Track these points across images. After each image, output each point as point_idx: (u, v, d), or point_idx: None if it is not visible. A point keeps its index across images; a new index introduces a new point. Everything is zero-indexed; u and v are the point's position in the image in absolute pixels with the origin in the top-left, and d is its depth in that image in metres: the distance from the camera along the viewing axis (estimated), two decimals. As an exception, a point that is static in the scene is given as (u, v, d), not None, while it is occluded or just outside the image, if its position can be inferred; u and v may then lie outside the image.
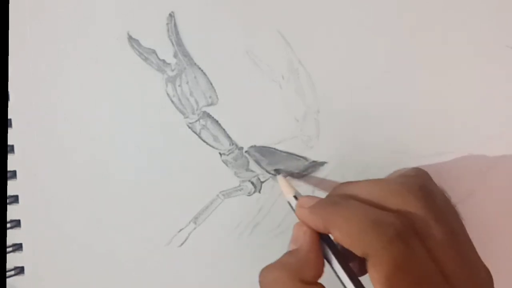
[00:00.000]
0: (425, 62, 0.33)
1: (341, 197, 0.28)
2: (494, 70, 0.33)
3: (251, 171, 0.34)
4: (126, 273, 0.35)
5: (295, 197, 0.31)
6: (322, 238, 0.28)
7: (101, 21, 0.33)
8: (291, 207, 0.31)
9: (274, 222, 0.35)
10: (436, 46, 0.33)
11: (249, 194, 0.35)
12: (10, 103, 0.34)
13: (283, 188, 0.32)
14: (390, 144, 0.34)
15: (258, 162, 0.34)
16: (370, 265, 0.24)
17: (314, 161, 0.34)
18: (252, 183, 0.34)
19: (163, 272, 0.35)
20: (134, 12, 0.33)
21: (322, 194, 0.33)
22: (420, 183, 0.28)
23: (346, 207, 0.26)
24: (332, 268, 0.27)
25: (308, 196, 0.30)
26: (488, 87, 0.33)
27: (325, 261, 0.27)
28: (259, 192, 0.35)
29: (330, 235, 0.27)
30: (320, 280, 0.26)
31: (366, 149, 0.34)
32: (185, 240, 0.35)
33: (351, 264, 0.27)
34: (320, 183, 0.34)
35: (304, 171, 0.34)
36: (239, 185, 0.34)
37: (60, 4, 0.33)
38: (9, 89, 0.34)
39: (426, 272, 0.24)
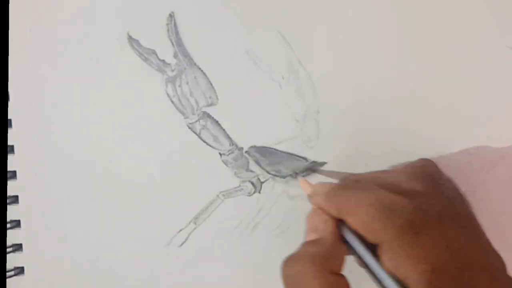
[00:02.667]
0: (425, 63, 0.33)
1: (352, 181, 0.28)
2: (494, 70, 0.33)
3: (251, 171, 0.34)
4: (126, 273, 0.35)
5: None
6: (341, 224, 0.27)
7: (101, 21, 0.33)
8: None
9: (274, 222, 0.35)
10: (436, 46, 0.33)
11: (249, 195, 0.35)
12: (10, 103, 0.34)
13: (303, 187, 0.31)
14: (390, 144, 0.34)
15: (258, 163, 0.34)
16: (382, 252, 0.24)
17: (314, 161, 0.34)
18: (252, 183, 0.34)
19: (163, 272, 0.35)
20: (134, 13, 0.33)
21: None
22: (429, 172, 0.28)
23: (358, 191, 0.26)
24: (355, 254, 0.26)
25: (321, 183, 0.29)
26: (488, 87, 0.33)
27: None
28: (259, 192, 0.35)
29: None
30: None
31: (366, 149, 0.34)
32: (185, 240, 0.35)
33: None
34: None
35: (304, 171, 0.34)
36: (239, 186, 0.34)
37: (60, 4, 0.33)
38: (9, 89, 0.34)
39: (440, 260, 0.24)
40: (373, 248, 0.25)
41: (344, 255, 0.26)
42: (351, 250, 0.26)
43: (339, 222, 0.27)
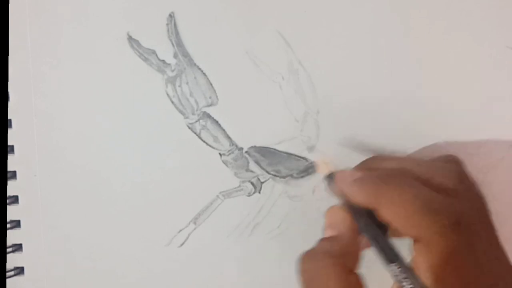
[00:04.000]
0: (425, 63, 0.33)
1: (390, 173, 0.27)
2: (494, 70, 0.33)
3: (251, 171, 0.34)
4: (126, 273, 0.35)
5: (330, 176, 0.29)
6: (359, 214, 0.26)
7: (101, 21, 0.33)
8: (327, 184, 0.29)
9: (274, 223, 0.35)
10: (436, 46, 0.33)
11: (249, 195, 0.35)
12: (10, 103, 0.34)
13: (322, 166, 0.30)
14: (390, 145, 0.34)
15: (258, 163, 0.34)
16: (418, 249, 0.24)
17: (314, 162, 0.34)
18: (252, 183, 0.34)
19: (163, 272, 0.35)
20: (134, 13, 0.33)
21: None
22: (462, 170, 0.28)
23: (399, 185, 0.25)
24: (374, 247, 0.26)
25: (347, 171, 0.28)
26: (488, 88, 0.33)
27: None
28: (259, 192, 0.35)
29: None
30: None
31: (366, 150, 0.34)
32: (185, 241, 0.35)
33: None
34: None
35: (304, 171, 0.34)
36: (239, 186, 0.34)
37: (60, 4, 0.33)
38: (9, 89, 0.34)
39: (475, 266, 0.23)
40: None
41: (360, 252, 0.26)
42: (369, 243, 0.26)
43: (358, 215, 0.26)
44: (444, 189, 0.26)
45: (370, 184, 0.26)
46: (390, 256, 0.25)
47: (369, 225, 0.26)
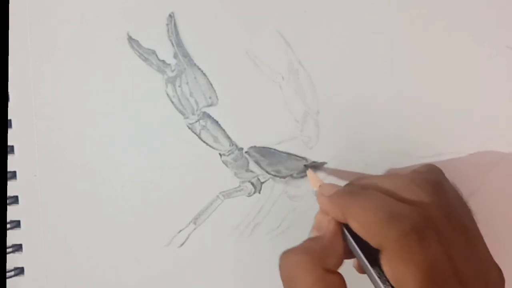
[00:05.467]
0: (425, 63, 0.33)
1: (359, 187, 0.28)
2: (494, 70, 0.33)
3: (251, 171, 0.34)
4: (126, 273, 0.35)
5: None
6: (346, 227, 0.27)
7: (101, 21, 0.33)
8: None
9: (274, 223, 0.35)
10: (436, 46, 0.33)
11: (249, 195, 0.35)
12: (10, 103, 0.34)
13: (311, 180, 0.32)
14: (390, 145, 0.34)
15: (258, 163, 0.34)
16: (383, 257, 0.24)
17: (314, 162, 0.34)
18: (252, 183, 0.34)
19: (163, 273, 0.35)
20: (134, 13, 0.33)
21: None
22: (433, 179, 0.28)
23: (363, 197, 0.26)
24: (357, 257, 0.26)
25: (329, 184, 0.30)
26: (488, 87, 0.33)
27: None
28: (259, 192, 0.35)
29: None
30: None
31: (366, 150, 0.34)
32: (185, 241, 0.35)
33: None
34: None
35: (304, 171, 0.34)
36: (239, 186, 0.34)
37: (60, 4, 0.33)
38: (9, 89, 0.34)
39: (439, 268, 0.24)
40: (374, 255, 0.25)
41: (341, 254, 0.26)
42: (352, 255, 0.27)
43: (343, 226, 0.27)
44: (410, 199, 0.26)
45: (339, 199, 0.27)
46: (368, 261, 0.25)
47: (351, 235, 0.27)
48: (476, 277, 0.25)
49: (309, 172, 0.33)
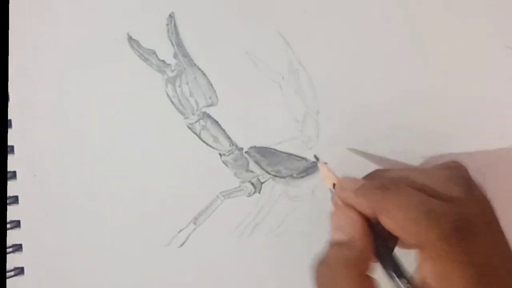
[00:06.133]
0: (425, 63, 0.33)
1: (390, 181, 0.27)
2: (494, 70, 0.33)
3: (251, 171, 0.34)
4: (126, 273, 0.35)
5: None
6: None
7: (101, 22, 0.33)
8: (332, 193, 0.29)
9: (274, 223, 0.35)
10: (436, 46, 0.33)
11: (249, 195, 0.35)
12: (10, 103, 0.34)
13: (325, 175, 0.30)
14: (390, 145, 0.34)
15: (258, 163, 0.34)
16: (423, 257, 0.23)
17: (314, 162, 0.34)
18: (252, 183, 0.34)
19: (163, 273, 0.35)
20: (134, 13, 0.33)
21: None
22: (463, 176, 0.28)
23: (399, 193, 0.25)
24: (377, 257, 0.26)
25: (350, 178, 0.29)
26: (488, 88, 0.33)
27: None
28: (259, 193, 0.35)
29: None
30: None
31: (366, 150, 0.34)
32: (185, 241, 0.35)
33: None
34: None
35: (304, 171, 0.34)
36: (239, 186, 0.34)
37: (60, 4, 0.33)
38: (9, 89, 0.34)
39: (484, 266, 0.23)
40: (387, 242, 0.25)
41: (373, 255, 0.26)
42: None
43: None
44: (446, 196, 0.25)
45: (370, 193, 0.26)
46: (395, 271, 0.25)
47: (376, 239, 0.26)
48: (509, 272, 0.24)
49: (322, 165, 0.31)
